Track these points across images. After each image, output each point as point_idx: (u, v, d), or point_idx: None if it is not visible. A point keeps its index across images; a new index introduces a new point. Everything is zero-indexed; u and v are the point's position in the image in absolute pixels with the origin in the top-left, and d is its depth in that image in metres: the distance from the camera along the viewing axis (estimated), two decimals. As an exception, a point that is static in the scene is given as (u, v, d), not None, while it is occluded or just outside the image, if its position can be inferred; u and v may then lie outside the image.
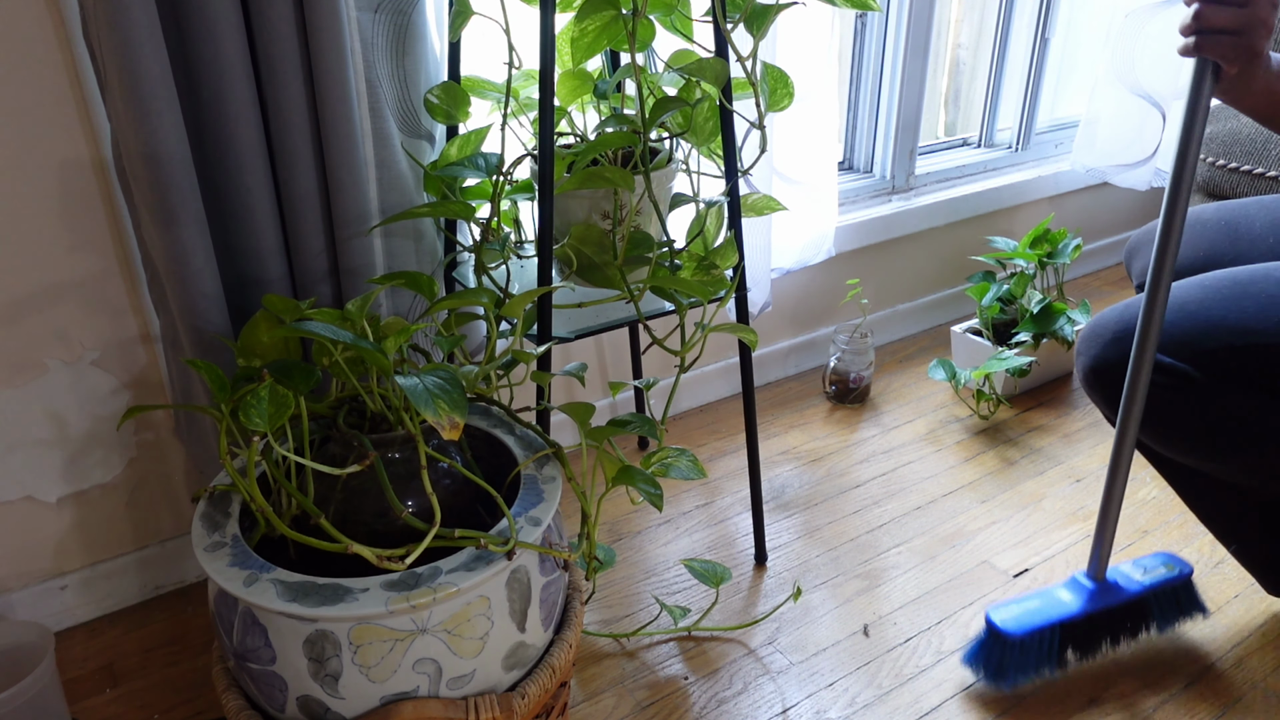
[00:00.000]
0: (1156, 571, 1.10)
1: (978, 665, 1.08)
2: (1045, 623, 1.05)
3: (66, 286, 1.03)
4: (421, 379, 0.73)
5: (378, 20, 0.96)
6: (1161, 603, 1.11)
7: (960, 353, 1.74)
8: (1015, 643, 1.04)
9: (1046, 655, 1.06)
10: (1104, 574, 1.08)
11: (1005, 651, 1.05)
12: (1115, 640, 1.11)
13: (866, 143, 1.82)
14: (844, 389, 1.68)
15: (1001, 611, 1.06)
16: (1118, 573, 1.10)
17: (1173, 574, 1.10)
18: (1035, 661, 1.06)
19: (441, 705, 0.74)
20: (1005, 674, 1.05)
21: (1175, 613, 1.13)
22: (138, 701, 1.06)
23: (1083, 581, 1.08)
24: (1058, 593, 1.08)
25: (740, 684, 1.08)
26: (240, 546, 0.76)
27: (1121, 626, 1.11)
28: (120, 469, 1.13)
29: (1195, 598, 1.13)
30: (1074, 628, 1.07)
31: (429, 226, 1.08)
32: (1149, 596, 1.09)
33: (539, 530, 0.78)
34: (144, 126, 0.86)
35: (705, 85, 1.00)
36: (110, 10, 0.81)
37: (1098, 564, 1.07)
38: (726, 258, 1.04)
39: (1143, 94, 1.85)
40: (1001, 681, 1.06)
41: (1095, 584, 1.08)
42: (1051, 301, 1.65)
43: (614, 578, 1.26)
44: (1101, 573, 1.08)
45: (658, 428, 0.94)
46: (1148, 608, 1.10)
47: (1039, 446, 1.55)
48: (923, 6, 1.67)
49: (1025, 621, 1.05)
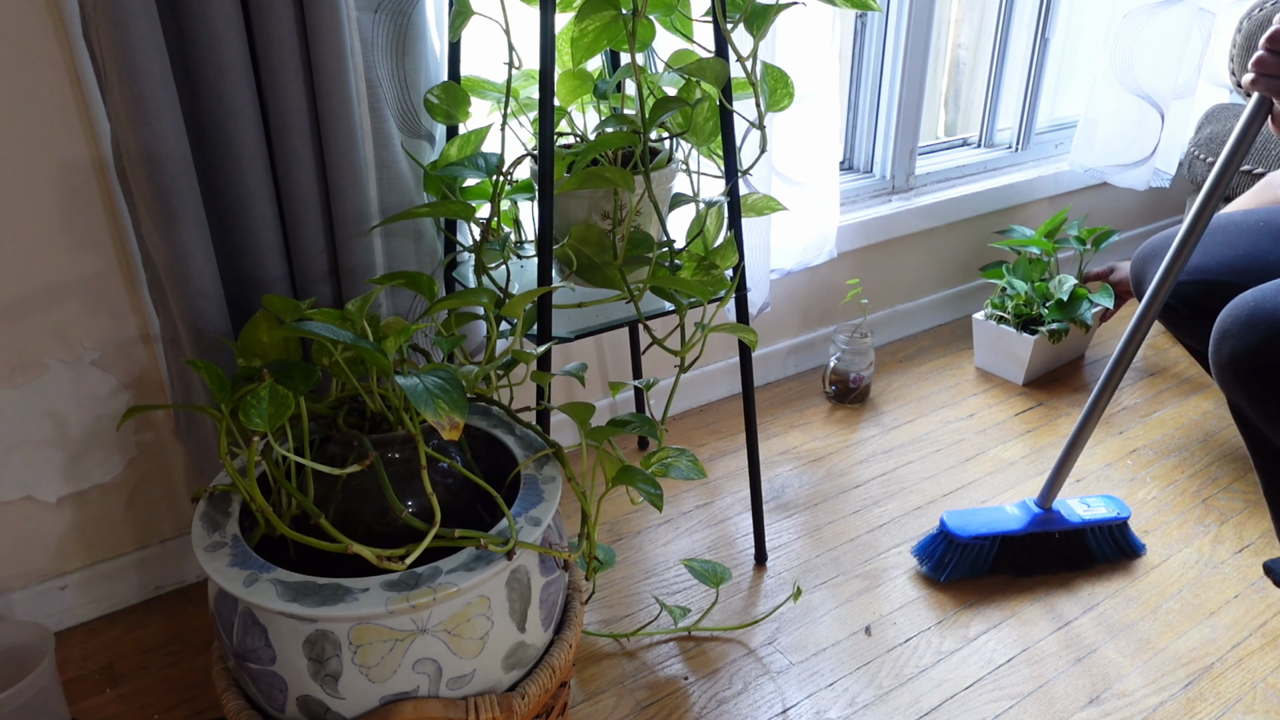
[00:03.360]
0: (1098, 510, 1.26)
1: (925, 558, 1.25)
2: (988, 532, 1.22)
3: (66, 286, 1.03)
4: (421, 379, 0.73)
5: (378, 20, 0.96)
6: (1099, 538, 1.26)
7: (983, 341, 1.76)
8: (959, 544, 1.22)
9: (984, 560, 1.23)
10: (1051, 503, 1.23)
11: (949, 550, 1.22)
12: (1052, 564, 1.25)
13: (866, 143, 1.82)
14: (844, 389, 1.68)
15: (954, 516, 1.24)
16: (1063, 505, 1.25)
17: (1112, 514, 1.26)
18: (972, 563, 1.22)
19: (441, 705, 0.74)
20: (944, 568, 1.23)
21: (1114, 550, 1.27)
22: (138, 701, 1.06)
23: (1031, 506, 1.24)
24: (1007, 510, 1.25)
25: (740, 684, 1.08)
26: (240, 546, 0.76)
27: (1059, 551, 1.25)
28: (120, 469, 1.13)
29: (1131, 540, 1.28)
30: (1012, 542, 1.23)
31: (429, 226, 1.08)
32: (1087, 530, 1.25)
33: (539, 530, 0.78)
34: (144, 126, 0.86)
35: (705, 85, 1.00)
36: (110, 10, 0.81)
37: (1048, 493, 1.22)
38: (726, 258, 1.04)
39: (1141, 94, 1.85)
40: (939, 574, 1.23)
41: (1041, 510, 1.23)
42: (1077, 287, 1.70)
43: (614, 578, 1.26)
44: (1049, 501, 1.23)
45: (658, 428, 0.94)
46: (1085, 540, 1.25)
47: (1039, 446, 1.55)
48: (923, 6, 1.67)
49: (972, 528, 1.22)
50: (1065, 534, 1.24)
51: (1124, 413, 1.64)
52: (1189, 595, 1.21)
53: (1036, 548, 1.24)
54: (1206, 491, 1.42)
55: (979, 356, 1.79)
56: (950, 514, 1.24)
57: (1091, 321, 1.72)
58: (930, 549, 1.24)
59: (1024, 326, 1.71)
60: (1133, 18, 1.79)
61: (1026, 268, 1.74)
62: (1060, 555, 1.25)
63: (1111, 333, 1.94)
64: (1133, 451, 1.53)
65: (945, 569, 1.22)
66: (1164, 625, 1.16)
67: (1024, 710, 1.04)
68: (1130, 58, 1.83)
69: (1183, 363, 1.81)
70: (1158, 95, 1.84)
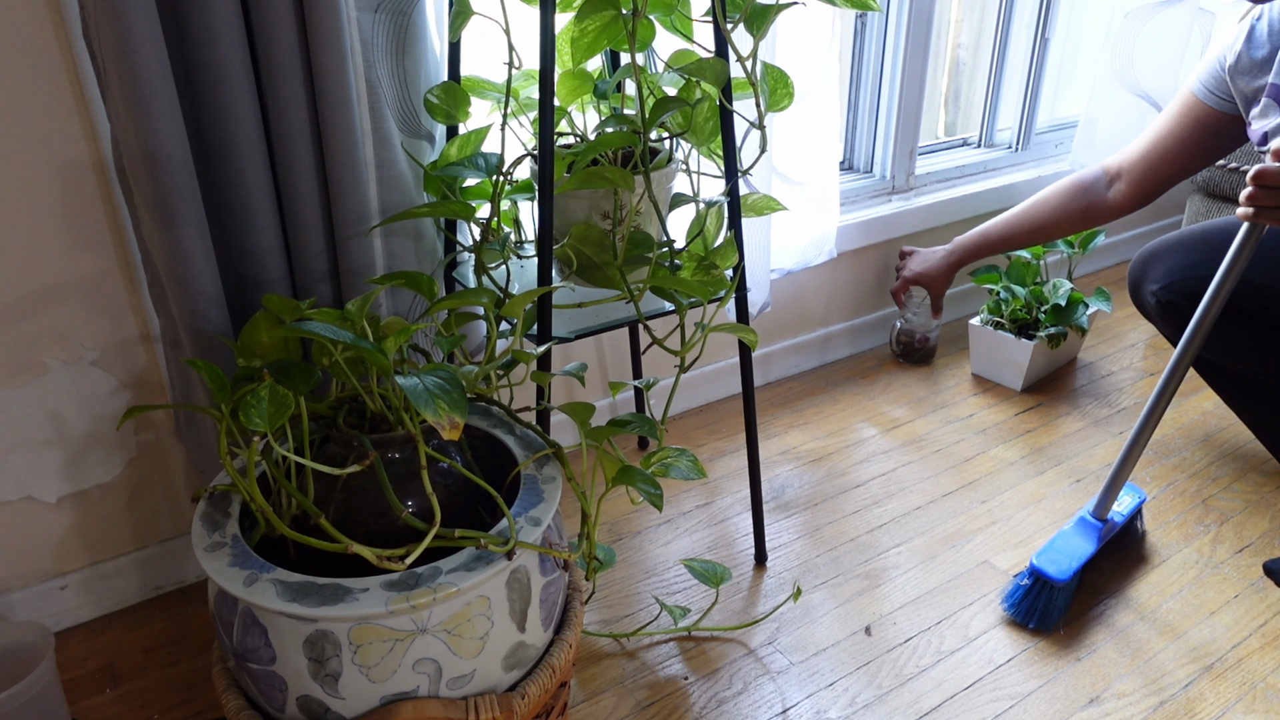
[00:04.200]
0: (1125, 501, 1.28)
1: (1028, 613, 1.16)
2: (1079, 565, 1.17)
3: (66, 286, 1.03)
4: (421, 379, 0.73)
5: (378, 20, 0.96)
6: (1129, 526, 1.30)
7: (979, 346, 1.76)
8: (1061, 587, 1.15)
9: (1075, 591, 1.20)
10: (1107, 514, 1.23)
11: (1052, 595, 1.15)
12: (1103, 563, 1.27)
13: (866, 143, 1.82)
14: (910, 347, 1.80)
15: (1047, 561, 1.17)
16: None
17: (1137, 501, 1.29)
18: (1068, 599, 1.18)
19: (441, 705, 0.74)
20: (1050, 615, 1.15)
21: (1135, 534, 1.32)
22: (138, 701, 1.06)
23: (1090, 520, 1.23)
24: (1076, 535, 1.22)
25: (740, 684, 1.08)
26: (240, 546, 0.76)
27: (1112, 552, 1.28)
28: (120, 469, 1.13)
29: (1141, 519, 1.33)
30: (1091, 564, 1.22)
31: (429, 226, 1.08)
32: (1126, 524, 1.29)
33: (539, 530, 0.78)
34: (144, 126, 0.86)
35: (705, 85, 1.00)
36: (110, 10, 0.81)
37: (1105, 504, 1.21)
38: (726, 258, 1.04)
39: (1141, 94, 1.86)
40: (1047, 624, 1.16)
41: (1101, 522, 1.22)
42: (1073, 292, 1.70)
43: (614, 578, 1.26)
44: (1105, 514, 1.22)
45: (658, 428, 0.94)
46: (1125, 533, 1.30)
47: (1039, 446, 1.55)
48: (923, 6, 1.67)
49: (1065, 566, 1.16)
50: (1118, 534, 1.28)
51: (1124, 413, 1.64)
52: (1189, 595, 1.21)
53: (1100, 558, 1.25)
54: (1206, 491, 1.42)
55: (975, 363, 1.78)
56: (1040, 558, 1.16)
57: (1087, 325, 1.73)
58: (1031, 600, 1.16)
59: (1021, 331, 1.71)
60: (1133, 18, 1.80)
61: (1021, 271, 1.73)
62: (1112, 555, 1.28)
63: (1105, 335, 1.94)
64: (1133, 451, 1.53)
65: (1052, 616, 1.15)
66: (1164, 625, 1.16)
67: (1024, 710, 1.04)
68: (1130, 58, 1.83)
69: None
70: (1158, 95, 1.85)
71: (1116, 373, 1.78)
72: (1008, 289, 1.72)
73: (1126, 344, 1.89)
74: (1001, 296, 1.72)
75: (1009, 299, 1.71)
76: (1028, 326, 1.71)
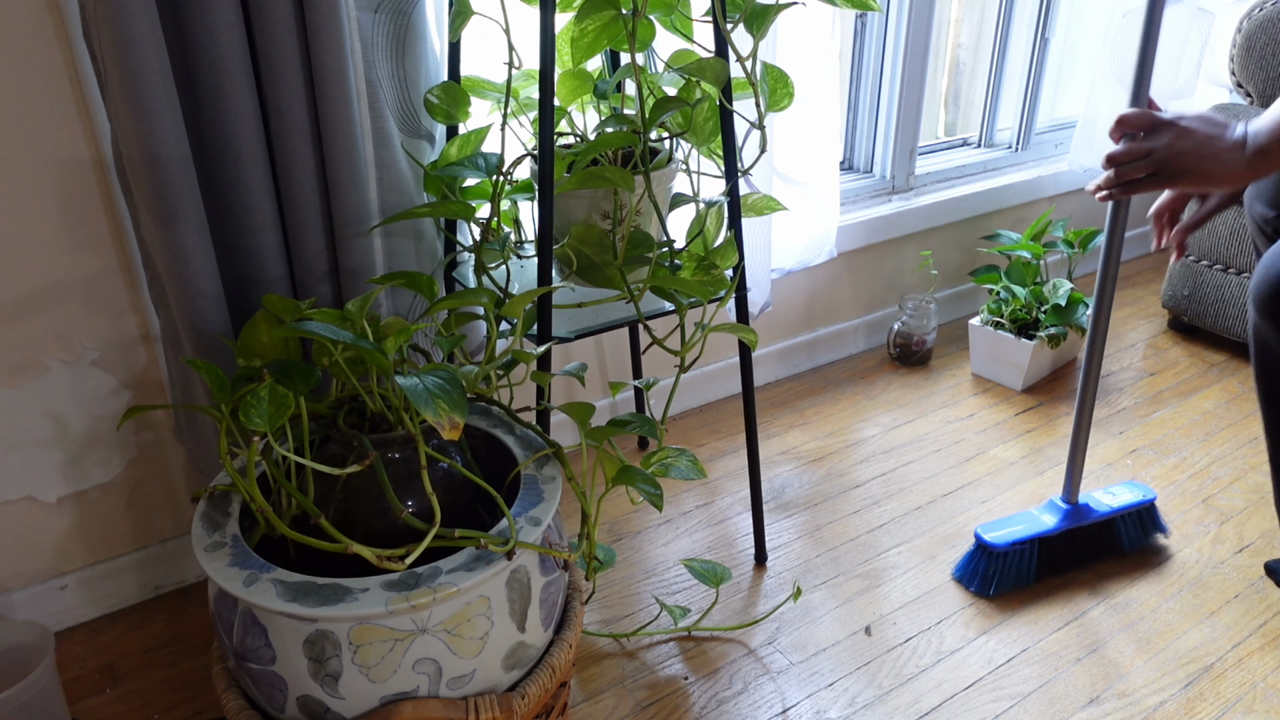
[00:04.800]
0: (1124, 497, 1.26)
1: (968, 577, 1.22)
2: (1025, 537, 1.20)
3: (66, 286, 1.03)
4: (421, 379, 0.73)
5: (378, 20, 0.96)
6: (1128, 525, 1.27)
7: (980, 346, 1.76)
8: (999, 554, 1.20)
9: (1027, 567, 1.21)
10: (1076, 498, 1.23)
11: (990, 562, 1.20)
12: (1084, 557, 1.26)
13: (866, 143, 1.82)
14: (908, 350, 1.80)
15: (988, 528, 1.21)
16: (1090, 497, 1.26)
17: (1138, 499, 1.26)
18: (1016, 572, 1.21)
19: (441, 705, 0.74)
20: (990, 582, 1.20)
21: (1141, 535, 1.28)
22: (138, 701, 1.06)
23: (1059, 504, 1.24)
24: (1035, 513, 1.24)
25: (740, 684, 1.08)
26: (240, 546, 0.76)
27: (1091, 544, 1.26)
28: (120, 469, 1.13)
29: (1157, 520, 1.29)
30: (1049, 543, 1.22)
31: (429, 226, 1.08)
32: (1117, 519, 1.26)
33: (539, 530, 0.78)
34: (144, 126, 0.86)
35: (705, 85, 1.00)
36: (110, 10, 0.81)
37: (1071, 488, 1.22)
38: (726, 258, 1.04)
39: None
40: (987, 589, 1.20)
41: (1069, 505, 1.23)
42: (1073, 292, 1.70)
43: (614, 578, 1.26)
44: (1074, 496, 1.23)
45: (658, 428, 0.94)
46: (1115, 529, 1.26)
47: (1039, 446, 1.55)
48: (923, 6, 1.67)
49: (1008, 536, 1.20)
50: (1097, 525, 1.25)
51: (1124, 413, 1.64)
52: (1189, 595, 1.21)
53: (1070, 544, 1.24)
54: (1206, 491, 1.42)
55: (975, 363, 1.78)
56: (984, 526, 1.22)
57: (1088, 325, 1.72)
58: (971, 567, 1.22)
59: (1021, 331, 1.71)
60: (1132, 18, 1.79)
61: (1021, 271, 1.73)
62: (1092, 548, 1.26)
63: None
64: (1133, 451, 1.53)
65: (991, 583, 1.20)
66: (1164, 625, 1.16)
67: (1024, 710, 1.04)
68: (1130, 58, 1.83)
69: (1183, 363, 1.81)
70: (1157, 95, 1.84)
71: (1116, 373, 1.78)
72: (1008, 289, 1.72)
73: (1126, 344, 1.89)
74: (1002, 296, 1.72)
75: (1009, 299, 1.71)
76: (1028, 326, 1.71)
